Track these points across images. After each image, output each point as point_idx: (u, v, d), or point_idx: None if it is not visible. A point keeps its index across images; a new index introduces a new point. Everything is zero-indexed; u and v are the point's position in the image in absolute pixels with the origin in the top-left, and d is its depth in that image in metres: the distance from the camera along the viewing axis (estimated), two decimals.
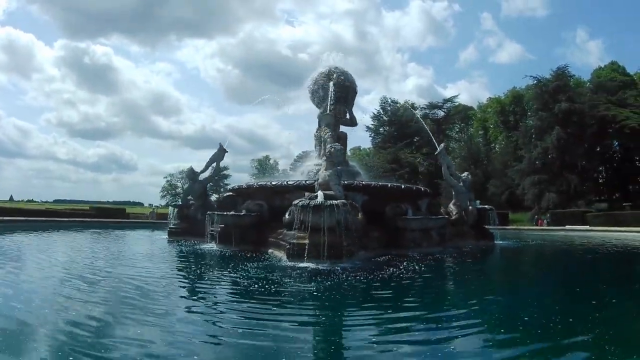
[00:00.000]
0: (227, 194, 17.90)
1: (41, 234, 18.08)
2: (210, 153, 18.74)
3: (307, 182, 13.92)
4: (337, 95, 16.88)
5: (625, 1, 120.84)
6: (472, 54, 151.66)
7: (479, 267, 12.07)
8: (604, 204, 46.09)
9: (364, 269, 8.97)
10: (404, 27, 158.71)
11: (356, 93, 18.83)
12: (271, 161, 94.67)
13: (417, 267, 9.78)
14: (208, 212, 14.85)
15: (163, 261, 11.55)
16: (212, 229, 14.92)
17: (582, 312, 5.59)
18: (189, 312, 5.53)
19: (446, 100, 70.87)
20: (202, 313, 5.54)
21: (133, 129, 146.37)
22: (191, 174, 18.26)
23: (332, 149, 11.64)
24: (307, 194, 12.97)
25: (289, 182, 14.20)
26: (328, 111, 16.22)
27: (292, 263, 9.95)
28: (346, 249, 10.37)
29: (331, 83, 16.78)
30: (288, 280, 8.03)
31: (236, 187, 16.93)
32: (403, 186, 15.48)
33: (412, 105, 71.51)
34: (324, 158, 11.93)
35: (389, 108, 71.16)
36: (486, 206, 19.40)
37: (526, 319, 5.15)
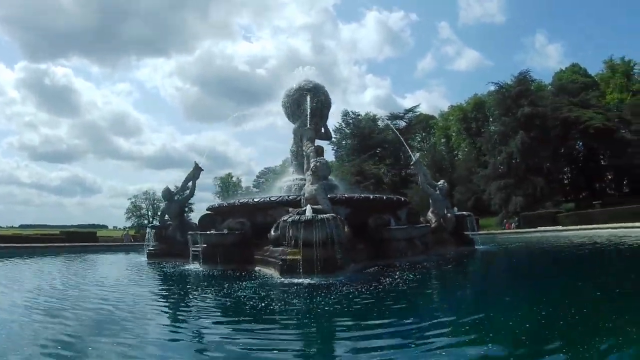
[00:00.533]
0: (206, 212, 17.63)
1: (13, 261, 17.54)
2: (171, 173, 18.66)
3: (290, 197, 13.95)
4: (313, 109, 16.94)
5: (582, 3, 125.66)
6: (430, 63, 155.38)
7: (473, 273, 12.41)
8: (571, 204, 47.55)
9: (360, 281, 9.02)
10: (360, 39, 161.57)
11: (330, 107, 18.96)
12: (234, 179, 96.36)
13: (412, 276, 9.94)
14: (189, 232, 14.57)
15: (152, 285, 11.13)
16: (194, 249, 14.64)
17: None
18: (210, 334, 5.54)
19: (407, 111, 72.41)
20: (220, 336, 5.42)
21: (95, 150, 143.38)
22: (167, 194, 17.91)
23: (318, 163, 11.67)
24: (290, 209, 12.98)
25: (271, 198, 14.15)
26: (308, 125, 16.24)
27: (286, 279, 9.87)
28: (339, 263, 10.38)
29: (308, 98, 16.83)
30: (292, 297, 7.91)
31: (215, 205, 16.75)
32: (385, 197, 15.59)
33: (374, 117, 72.47)
34: (309, 172, 11.92)
35: (350, 121, 71.97)
36: (464, 213, 19.77)
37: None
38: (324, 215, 10.47)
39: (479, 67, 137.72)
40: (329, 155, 71.82)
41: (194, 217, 22.42)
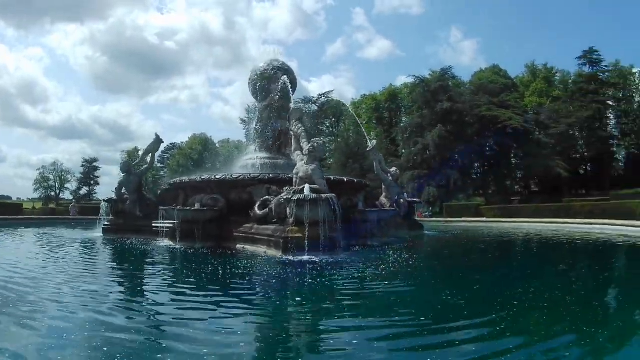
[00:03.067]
0: (166, 187, 17.30)
1: None
2: (74, 144, 17.98)
3: (271, 175, 14.33)
4: (284, 90, 17.26)
5: (502, 4, 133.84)
6: (340, 49, 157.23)
7: (450, 251, 14.72)
8: (481, 198, 51.80)
9: (364, 259, 10.26)
10: (273, 18, 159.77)
11: (296, 88, 19.32)
12: (140, 152, 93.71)
13: (407, 255, 11.06)
14: (163, 208, 14.22)
15: (140, 266, 10.23)
16: (165, 224, 14.42)
17: None
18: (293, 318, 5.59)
19: (321, 95, 72.46)
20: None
21: (3, 118, 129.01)
22: (126, 167, 17.26)
23: (316, 144, 12.17)
24: (272, 187, 13.43)
25: (252, 175, 14.35)
26: (293, 106, 16.52)
27: (292, 257, 10.31)
28: (338, 241, 11.08)
29: (285, 77, 17.09)
30: (330, 272, 8.54)
31: (185, 180, 16.29)
32: (355, 180, 16.45)
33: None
34: (305, 152, 12.34)
35: None
36: (415, 199, 21.23)
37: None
38: (328, 195, 11.03)
39: (390, 57, 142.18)
40: (241, 134, 71.65)
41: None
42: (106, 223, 17.01)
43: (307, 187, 11.45)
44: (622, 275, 9.99)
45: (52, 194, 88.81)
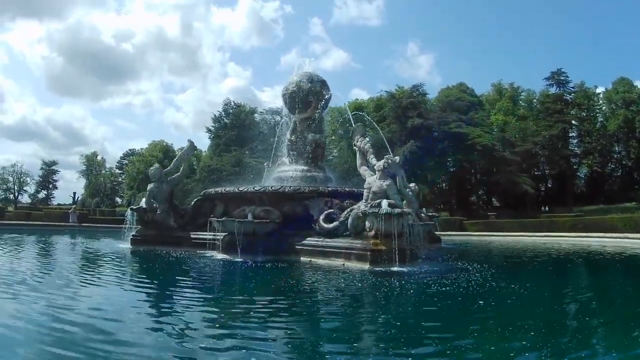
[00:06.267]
0: (199, 197, 17.23)
1: None
2: (29, 146, 17.80)
3: (329, 189, 14.75)
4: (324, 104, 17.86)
5: (459, 18, 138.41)
6: (294, 58, 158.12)
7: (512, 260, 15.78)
8: (446, 212, 53.86)
9: (445, 269, 11.27)
10: (230, 24, 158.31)
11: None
12: (98, 158, 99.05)
13: (477, 264, 12.00)
14: (216, 219, 14.11)
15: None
16: (211, 236, 14.31)
17: None
18: None
19: None
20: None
21: None
22: (158, 174, 16.91)
23: (390, 161, 12.79)
24: (334, 200, 13.84)
25: (311, 188, 14.64)
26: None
27: (381, 269, 10.80)
28: (419, 253, 11.83)
29: (330, 92, 17.56)
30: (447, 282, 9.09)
31: (222, 190, 16.23)
32: None
33: (253, 110, 72.74)
34: (377, 168, 12.86)
35: (231, 111, 71.65)
36: (434, 214, 22.12)
37: None
38: (408, 209, 11.68)
39: (345, 69, 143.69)
40: (205, 144, 71.61)
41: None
42: (134, 234, 16.57)
43: (385, 202, 11.96)
44: None
45: (11, 196, 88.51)
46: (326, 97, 18.13)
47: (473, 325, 5.76)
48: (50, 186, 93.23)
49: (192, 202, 17.21)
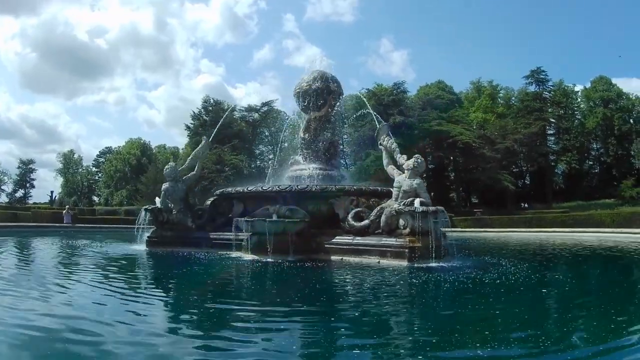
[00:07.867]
0: (215, 197, 17.27)
1: None
2: (4, 144, 17.71)
3: (355, 187, 15.18)
4: (338, 103, 18.26)
5: (434, 14, 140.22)
6: (267, 55, 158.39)
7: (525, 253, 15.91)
8: None
9: (474, 265, 11.63)
10: (203, 20, 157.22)
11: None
12: (75, 156, 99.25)
13: (502, 259, 12.81)
14: (243, 219, 14.15)
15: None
16: (234, 236, 14.36)
17: None
18: None
19: (264, 104, 73.29)
20: None
21: None
22: (173, 173, 16.77)
23: (419, 160, 13.23)
24: (361, 199, 14.24)
25: (337, 187, 14.93)
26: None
27: (419, 265, 11.36)
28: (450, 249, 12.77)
29: (365, 99, 17.85)
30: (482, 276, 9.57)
31: (242, 189, 16.29)
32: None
33: (233, 108, 72.46)
34: (406, 167, 13.32)
35: (210, 108, 71.32)
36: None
37: None
38: (440, 207, 12.27)
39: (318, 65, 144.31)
40: (178, 142, 71.26)
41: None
42: (150, 235, 16.39)
43: (417, 200, 12.45)
44: None
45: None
46: (341, 95, 18.48)
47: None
48: (28, 185, 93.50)
49: (209, 202, 17.17)
